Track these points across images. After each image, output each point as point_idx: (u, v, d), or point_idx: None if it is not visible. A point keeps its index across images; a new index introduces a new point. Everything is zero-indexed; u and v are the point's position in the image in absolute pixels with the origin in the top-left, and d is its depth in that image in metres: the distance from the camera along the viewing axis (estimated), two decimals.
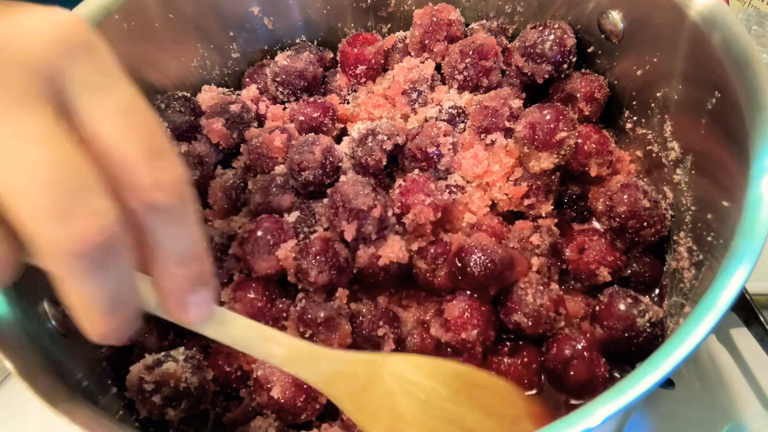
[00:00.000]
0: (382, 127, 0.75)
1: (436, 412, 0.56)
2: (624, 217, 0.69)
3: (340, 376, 0.53)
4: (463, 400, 0.58)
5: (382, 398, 0.54)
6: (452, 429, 0.56)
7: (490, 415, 0.59)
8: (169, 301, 0.43)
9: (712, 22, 0.61)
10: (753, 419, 0.79)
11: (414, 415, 0.55)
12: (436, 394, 0.56)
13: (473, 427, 0.57)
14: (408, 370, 0.57)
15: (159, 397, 0.61)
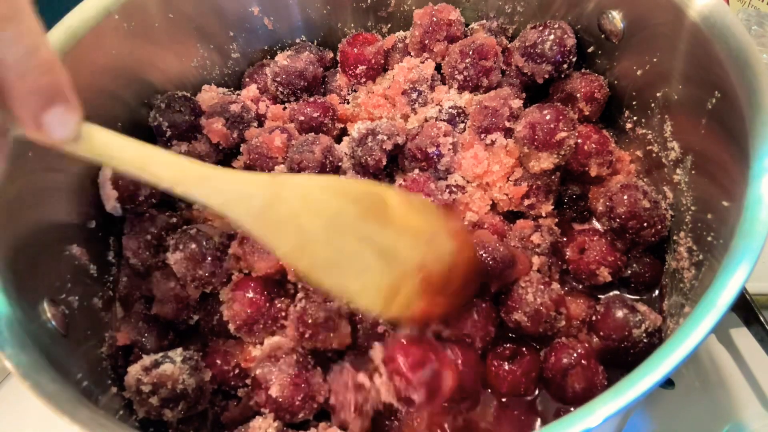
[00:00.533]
0: (382, 127, 0.75)
1: (344, 228, 0.54)
2: (624, 218, 0.69)
3: (237, 197, 0.51)
4: (375, 218, 0.56)
5: (285, 218, 0.53)
6: (362, 246, 0.55)
7: (404, 231, 0.57)
8: (25, 120, 0.40)
9: (712, 22, 0.61)
10: (753, 419, 0.79)
11: (321, 232, 0.54)
12: (345, 212, 0.55)
13: (385, 243, 0.56)
14: (313, 189, 0.55)
15: (156, 398, 0.62)
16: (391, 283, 0.56)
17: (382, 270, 0.56)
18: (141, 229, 0.74)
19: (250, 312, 0.68)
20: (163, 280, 0.72)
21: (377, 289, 0.56)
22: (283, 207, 0.53)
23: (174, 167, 0.50)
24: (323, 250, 0.54)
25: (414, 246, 0.57)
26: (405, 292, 0.56)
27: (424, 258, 0.57)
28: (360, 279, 0.55)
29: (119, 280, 0.77)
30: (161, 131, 0.82)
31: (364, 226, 0.55)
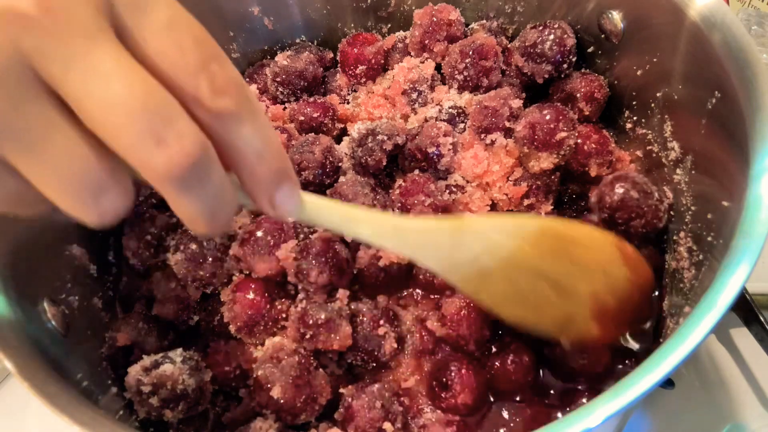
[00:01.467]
0: (382, 127, 0.75)
1: (520, 266, 0.59)
2: (612, 207, 0.69)
3: (425, 245, 0.57)
4: (550, 254, 0.60)
5: (468, 260, 0.57)
6: (537, 281, 0.59)
7: (578, 265, 0.60)
8: (259, 200, 0.45)
9: (712, 22, 0.61)
10: (753, 419, 0.79)
11: (499, 270, 0.58)
12: (522, 251, 0.58)
13: (560, 278, 0.59)
14: (493, 231, 0.59)
15: (156, 399, 0.61)
16: (566, 313, 0.60)
17: (554, 302, 0.59)
18: (141, 229, 0.74)
19: (251, 313, 0.68)
20: (163, 280, 0.72)
21: (552, 318, 0.60)
22: (466, 250, 0.57)
23: (375, 226, 0.55)
24: (502, 287, 0.59)
25: (587, 278, 0.60)
26: (580, 320, 0.60)
27: (597, 288, 0.60)
28: (535, 312, 0.60)
29: (119, 280, 0.77)
30: None
31: (539, 263, 0.59)
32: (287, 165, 0.45)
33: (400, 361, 0.69)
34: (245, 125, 0.40)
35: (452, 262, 0.57)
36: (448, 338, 0.67)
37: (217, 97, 0.38)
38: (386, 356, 0.67)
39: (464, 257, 0.57)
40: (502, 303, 0.60)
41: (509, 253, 0.58)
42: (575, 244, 0.61)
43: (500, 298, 0.59)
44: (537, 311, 0.60)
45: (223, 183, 0.41)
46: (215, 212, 0.41)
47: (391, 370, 0.69)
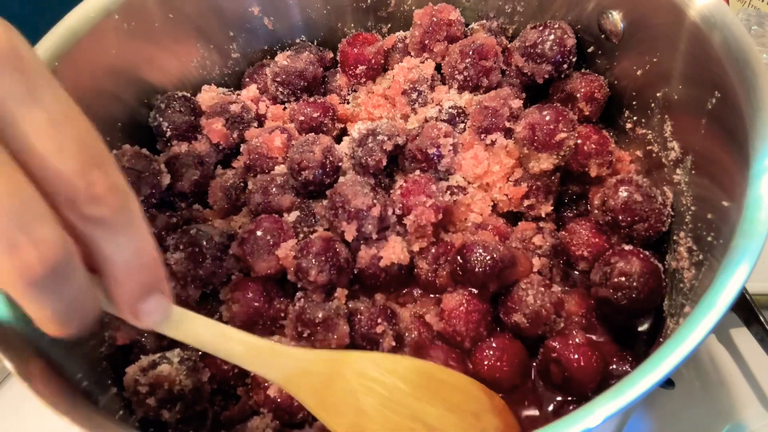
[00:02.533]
0: (383, 127, 0.75)
1: (397, 407, 0.56)
2: (615, 210, 0.69)
3: (301, 374, 0.54)
4: (425, 395, 0.58)
5: (343, 395, 0.55)
6: (413, 424, 0.57)
7: (452, 410, 0.59)
8: (122, 309, 0.44)
9: (712, 22, 0.61)
10: (753, 419, 0.79)
11: (376, 411, 0.56)
12: (398, 390, 0.57)
13: (435, 422, 0.57)
14: (369, 366, 0.58)
15: (154, 399, 0.61)
16: None
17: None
18: None
19: (250, 313, 0.68)
20: None
21: None
22: (342, 384, 0.56)
23: (249, 346, 0.53)
24: (377, 429, 0.56)
25: (460, 424, 0.59)
26: None
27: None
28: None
29: None
30: (161, 131, 0.82)
31: (414, 404, 0.57)
32: (159, 276, 0.44)
33: None
34: (119, 234, 0.39)
35: (327, 396, 0.55)
36: (445, 333, 0.67)
37: (92, 204, 0.37)
38: None
39: (340, 391, 0.55)
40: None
41: (386, 391, 0.57)
42: (449, 388, 0.61)
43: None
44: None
45: (82, 289, 0.39)
46: (70, 317, 0.40)
47: None
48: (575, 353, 0.63)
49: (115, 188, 0.38)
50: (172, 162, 0.79)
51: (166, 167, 0.78)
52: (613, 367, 0.65)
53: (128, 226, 0.40)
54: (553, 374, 0.64)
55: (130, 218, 0.39)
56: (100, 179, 0.37)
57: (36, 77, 0.37)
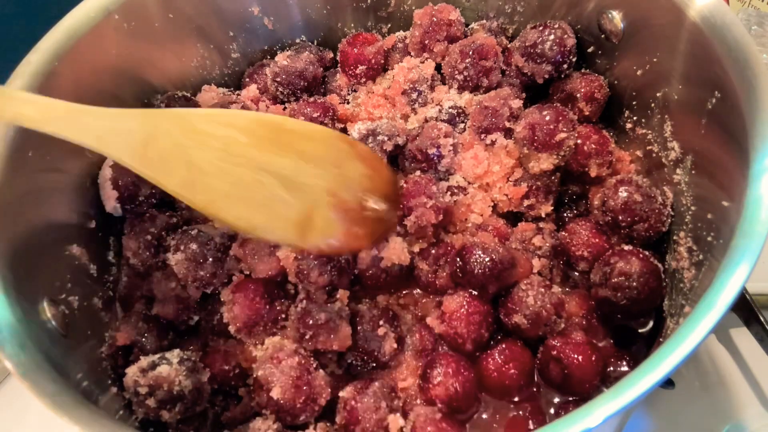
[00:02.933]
0: (383, 127, 0.74)
1: (237, 159, 0.53)
2: (615, 210, 0.69)
3: (112, 132, 0.50)
4: (270, 146, 0.55)
5: (170, 152, 0.52)
6: (260, 176, 0.54)
7: (306, 159, 0.56)
8: None
9: (712, 22, 0.61)
10: (753, 419, 0.79)
11: (211, 164, 0.53)
12: (235, 142, 0.54)
13: (287, 172, 0.54)
14: (198, 120, 0.54)
15: (153, 400, 0.61)
16: (300, 212, 0.54)
17: (286, 200, 0.54)
18: (141, 229, 0.74)
19: (250, 314, 0.68)
20: (163, 280, 0.72)
21: (285, 219, 0.54)
22: (166, 140, 0.52)
23: (42, 107, 0.49)
24: (218, 183, 0.53)
25: (319, 173, 0.56)
26: (319, 221, 0.55)
27: (333, 184, 0.56)
28: (264, 211, 0.54)
29: (119, 280, 0.77)
30: None
31: (258, 155, 0.54)
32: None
33: (400, 361, 0.69)
34: None
35: (151, 153, 0.51)
36: (446, 335, 0.67)
37: None
38: (386, 356, 0.67)
39: (165, 147, 0.51)
40: (224, 203, 0.53)
41: (221, 144, 0.52)
42: (301, 138, 0.57)
43: (219, 198, 0.53)
44: (267, 210, 0.54)
45: None
46: None
47: (390, 370, 0.69)
48: (575, 352, 0.63)
49: None
50: None
51: None
52: (612, 368, 0.65)
53: None
54: (553, 373, 0.64)
55: None
56: None
57: None
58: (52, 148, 0.70)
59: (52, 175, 0.69)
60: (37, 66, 0.68)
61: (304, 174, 0.55)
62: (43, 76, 0.68)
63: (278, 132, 0.56)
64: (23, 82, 0.66)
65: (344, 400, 0.62)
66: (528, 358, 0.67)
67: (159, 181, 0.52)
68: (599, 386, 0.64)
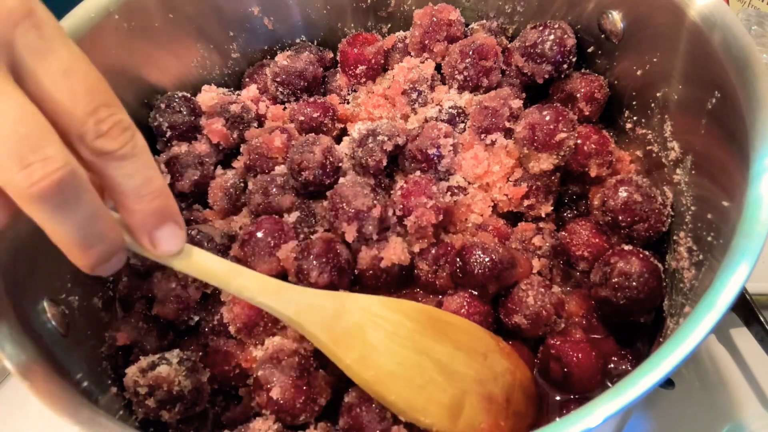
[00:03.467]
0: (383, 127, 0.74)
1: (404, 341, 0.59)
2: (615, 210, 0.69)
3: (309, 308, 0.58)
4: (430, 333, 0.61)
5: (351, 329, 0.58)
6: (422, 359, 0.59)
7: (459, 348, 0.61)
8: (138, 236, 0.48)
9: (712, 22, 0.61)
10: (753, 419, 0.79)
11: (383, 344, 0.58)
12: (403, 326, 0.60)
13: (443, 358, 0.59)
14: (373, 304, 0.61)
15: (153, 400, 0.61)
16: (453, 398, 0.58)
17: (441, 384, 0.59)
18: None
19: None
20: (163, 280, 0.72)
21: (439, 404, 0.58)
22: (349, 317, 0.59)
23: (259, 282, 0.57)
24: (386, 362, 0.58)
25: (469, 362, 0.61)
26: (468, 410, 0.59)
27: (481, 374, 0.60)
28: (422, 393, 0.58)
29: (119, 280, 0.77)
30: (161, 131, 0.82)
31: (421, 340, 0.60)
32: (170, 206, 0.48)
33: None
34: (127, 164, 0.44)
35: (336, 328, 0.58)
36: None
37: (100, 137, 0.42)
38: None
39: (348, 324, 0.58)
40: (390, 381, 0.58)
41: (392, 326, 0.59)
42: (454, 328, 0.63)
43: (386, 376, 0.58)
44: (424, 393, 0.58)
45: (97, 212, 0.43)
46: (90, 240, 0.43)
47: None
48: (575, 350, 0.63)
49: (121, 123, 0.43)
50: (172, 162, 0.79)
51: (166, 167, 0.78)
52: (613, 366, 0.65)
53: (135, 158, 0.44)
54: (553, 372, 0.64)
55: (136, 151, 0.44)
56: (107, 117, 0.43)
57: (51, 33, 0.43)
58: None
59: None
60: None
61: (457, 362, 0.60)
62: None
63: (437, 321, 0.62)
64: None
65: (349, 404, 0.62)
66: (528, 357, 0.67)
67: (339, 355, 0.58)
68: (600, 383, 0.64)
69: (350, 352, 0.58)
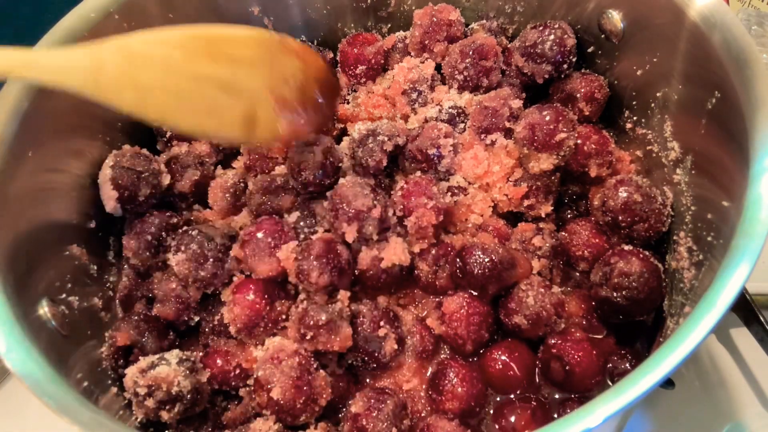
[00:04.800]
0: (383, 127, 0.74)
1: (177, 73, 0.60)
2: (615, 211, 0.69)
3: (68, 70, 0.57)
4: (205, 57, 0.61)
5: (118, 77, 0.58)
6: (200, 85, 0.60)
7: (241, 63, 0.62)
8: None
9: (712, 22, 0.61)
10: (753, 419, 0.79)
11: (156, 81, 0.59)
12: (172, 58, 0.60)
13: (225, 77, 0.61)
14: (134, 44, 0.59)
15: (152, 400, 0.61)
16: (244, 111, 0.61)
17: (229, 102, 0.61)
18: (141, 229, 0.74)
19: (251, 315, 0.68)
20: (164, 280, 0.72)
21: (232, 120, 0.62)
22: (113, 68, 0.58)
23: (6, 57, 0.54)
24: (164, 97, 0.59)
25: (255, 74, 0.62)
26: (264, 117, 0.62)
27: (270, 81, 0.63)
28: (212, 116, 0.61)
29: (119, 280, 0.77)
30: (161, 131, 0.82)
31: (195, 66, 0.60)
32: None
33: (401, 362, 0.69)
34: None
35: (103, 83, 0.57)
36: (446, 336, 0.67)
37: None
38: (386, 357, 0.67)
39: (112, 74, 0.57)
40: (175, 114, 0.60)
41: (158, 62, 0.59)
42: (232, 45, 0.63)
43: (169, 110, 0.60)
44: (214, 116, 0.61)
45: None
46: None
47: (391, 370, 0.69)
48: (575, 349, 0.63)
49: None
50: (172, 162, 0.79)
51: (166, 167, 0.78)
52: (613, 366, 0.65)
53: None
54: (554, 371, 0.64)
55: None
56: None
57: None
58: (52, 148, 0.70)
59: (52, 175, 0.69)
60: None
61: (241, 77, 0.62)
62: None
63: (209, 43, 0.62)
64: (23, 82, 0.66)
65: (355, 414, 0.62)
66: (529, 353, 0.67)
67: (114, 103, 0.59)
68: (601, 382, 0.64)
69: (123, 98, 0.58)
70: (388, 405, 0.61)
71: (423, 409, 0.67)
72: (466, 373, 0.65)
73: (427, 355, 0.69)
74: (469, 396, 0.64)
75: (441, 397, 0.65)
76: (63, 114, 0.71)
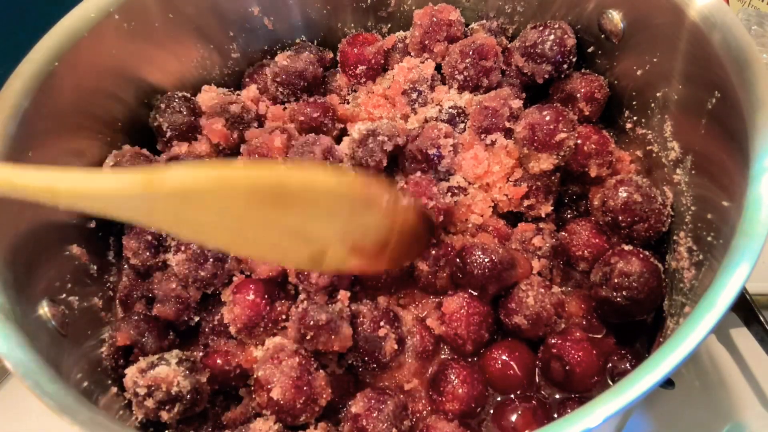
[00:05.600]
0: (383, 127, 0.74)
1: (241, 219, 0.54)
2: (615, 211, 0.69)
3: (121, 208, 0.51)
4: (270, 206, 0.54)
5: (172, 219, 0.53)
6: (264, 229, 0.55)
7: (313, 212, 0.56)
8: None
9: (712, 22, 0.61)
10: (753, 419, 0.79)
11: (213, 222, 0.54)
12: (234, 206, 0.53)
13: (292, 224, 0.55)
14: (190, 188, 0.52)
15: (152, 400, 0.61)
16: (312, 252, 0.58)
17: (295, 246, 0.58)
18: (141, 229, 0.74)
19: (251, 315, 0.68)
20: (164, 280, 0.72)
21: (298, 258, 0.60)
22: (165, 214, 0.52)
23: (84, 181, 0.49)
24: (225, 235, 0.56)
25: (327, 226, 0.57)
26: (334, 255, 0.59)
27: (345, 234, 0.59)
28: (276, 251, 0.59)
29: (119, 280, 0.77)
30: (161, 131, 0.82)
31: (257, 214, 0.55)
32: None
33: (401, 362, 0.69)
34: None
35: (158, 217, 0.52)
36: (446, 336, 0.67)
37: None
38: (387, 357, 0.67)
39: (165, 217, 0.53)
40: (234, 246, 0.60)
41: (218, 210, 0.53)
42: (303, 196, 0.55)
43: (230, 243, 0.58)
44: (278, 251, 0.59)
45: None
46: None
47: (391, 370, 0.69)
48: (576, 348, 0.63)
49: None
50: (173, 162, 0.79)
51: None
52: (613, 366, 0.65)
53: None
54: (555, 371, 0.64)
55: None
56: None
57: None
58: (52, 148, 0.70)
59: None
60: (37, 66, 0.68)
61: (311, 228, 0.57)
62: (43, 76, 0.68)
63: (278, 192, 0.55)
64: (23, 82, 0.67)
65: (355, 414, 0.62)
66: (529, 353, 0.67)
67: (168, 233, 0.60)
68: (601, 382, 0.64)
69: (183, 231, 0.56)
70: (388, 405, 0.61)
71: (423, 409, 0.67)
72: (466, 375, 0.65)
73: (427, 355, 0.69)
74: (469, 397, 0.64)
75: (441, 397, 0.65)
76: (63, 114, 0.71)
